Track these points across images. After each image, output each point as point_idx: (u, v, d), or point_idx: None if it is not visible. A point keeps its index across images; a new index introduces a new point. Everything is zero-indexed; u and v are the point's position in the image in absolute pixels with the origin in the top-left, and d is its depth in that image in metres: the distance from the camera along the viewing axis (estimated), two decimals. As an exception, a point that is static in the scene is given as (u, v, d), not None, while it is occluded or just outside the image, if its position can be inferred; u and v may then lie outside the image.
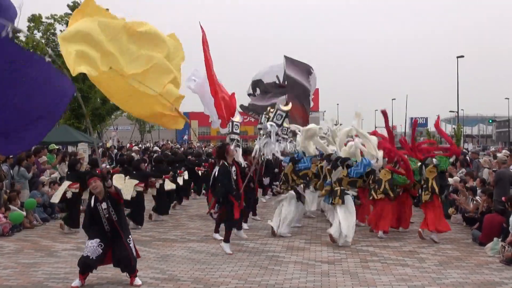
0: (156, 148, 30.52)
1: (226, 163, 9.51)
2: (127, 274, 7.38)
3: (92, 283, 7.35)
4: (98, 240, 7.22)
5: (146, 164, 15.98)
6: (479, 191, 12.11)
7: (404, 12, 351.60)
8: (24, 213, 11.78)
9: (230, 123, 10.64)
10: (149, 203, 14.70)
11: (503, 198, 10.10)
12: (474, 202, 12.01)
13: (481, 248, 9.79)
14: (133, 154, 22.73)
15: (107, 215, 7.27)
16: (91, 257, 7.13)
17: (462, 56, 47.63)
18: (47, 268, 8.28)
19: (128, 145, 34.96)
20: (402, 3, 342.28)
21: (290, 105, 11.13)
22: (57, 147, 18.92)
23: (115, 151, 24.50)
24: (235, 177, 9.55)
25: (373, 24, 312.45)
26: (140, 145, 35.75)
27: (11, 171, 13.07)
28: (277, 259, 8.96)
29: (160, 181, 13.18)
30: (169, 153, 19.32)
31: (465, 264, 8.65)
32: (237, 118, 10.90)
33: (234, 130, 10.56)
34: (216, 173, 9.93)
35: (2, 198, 11.88)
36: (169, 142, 41.79)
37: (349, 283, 7.49)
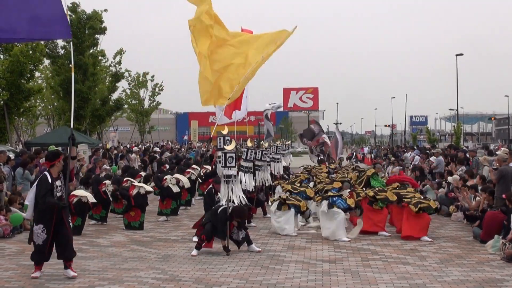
0: (156, 148, 30.50)
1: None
2: (63, 262, 7.71)
3: (93, 284, 7.36)
4: (41, 225, 7.60)
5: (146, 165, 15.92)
6: (479, 188, 12.10)
7: (404, 10, 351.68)
8: (24, 214, 11.76)
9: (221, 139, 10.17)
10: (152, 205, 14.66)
11: (503, 196, 10.11)
12: (477, 199, 12.00)
13: (482, 245, 9.80)
14: (133, 154, 22.77)
15: (60, 193, 7.69)
16: (37, 243, 7.60)
17: (462, 54, 47.52)
18: (48, 269, 8.25)
19: (128, 146, 34.96)
20: (402, 2, 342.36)
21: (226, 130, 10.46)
22: (57, 149, 18.88)
23: (115, 152, 24.49)
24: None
25: (373, 22, 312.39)
26: (140, 146, 35.72)
27: (12, 173, 13.07)
28: (278, 258, 8.97)
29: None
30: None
31: (466, 262, 8.66)
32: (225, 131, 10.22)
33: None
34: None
35: (3, 200, 11.87)
36: (169, 142, 41.78)
37: (350, 282, 7.50)
